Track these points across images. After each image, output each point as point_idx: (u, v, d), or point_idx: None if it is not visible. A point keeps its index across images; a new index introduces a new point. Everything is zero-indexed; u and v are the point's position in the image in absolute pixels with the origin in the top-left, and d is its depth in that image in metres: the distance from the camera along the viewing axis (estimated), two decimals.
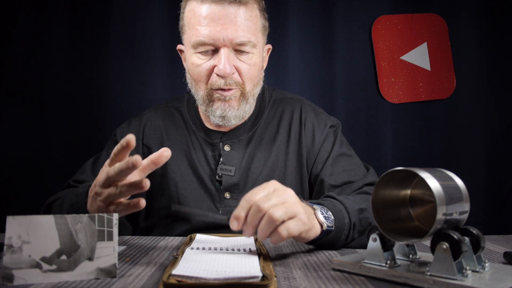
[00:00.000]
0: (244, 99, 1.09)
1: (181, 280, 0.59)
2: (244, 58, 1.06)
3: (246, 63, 1.07)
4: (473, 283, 0.56)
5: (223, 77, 1.04)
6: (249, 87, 1.09)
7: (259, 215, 0.71)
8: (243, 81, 1.07)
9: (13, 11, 1.68)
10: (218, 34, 1.01)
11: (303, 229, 0.74)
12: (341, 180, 1.11)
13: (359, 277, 0.66)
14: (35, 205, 1.17)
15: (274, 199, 0.72)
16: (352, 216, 0.88)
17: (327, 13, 1.78)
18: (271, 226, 0.70)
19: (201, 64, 1.06)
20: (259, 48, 1.10)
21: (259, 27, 1.08)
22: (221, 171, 1.13)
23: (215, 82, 1.06)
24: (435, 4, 1.81)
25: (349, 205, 0.90)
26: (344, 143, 1.21)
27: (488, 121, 1.79)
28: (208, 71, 1.06)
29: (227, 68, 1.03)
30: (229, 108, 1.08)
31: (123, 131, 1.20)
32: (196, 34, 1.04)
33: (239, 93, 1.08)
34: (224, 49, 1.03)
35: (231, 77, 1.05)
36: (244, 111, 1.11)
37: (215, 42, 1.02)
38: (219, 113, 1.08)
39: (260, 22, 1.09)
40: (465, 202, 0.63)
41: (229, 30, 1.01)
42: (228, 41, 1.02)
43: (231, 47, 1.04)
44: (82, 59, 1.72)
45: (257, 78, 1.11)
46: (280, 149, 1.17)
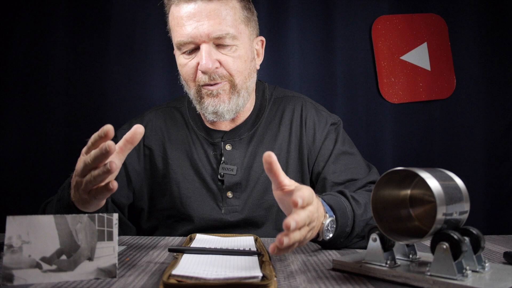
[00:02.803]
0: (235, 92, 1.09)
1: (181, 280, 0.59)
2: (226, 51, 1.06)
3: (230, 56, 1.06)
4: (473, 283, 0.56)
5: (206, 73, 1.05)
6: (239, 79, 1.09)
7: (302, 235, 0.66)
8: (230, 74, 1.07)
9: (13, 11, 1.68)
10: (194, 32, 1.03)
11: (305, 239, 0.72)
12: (343, 177, 1.11)
13: (359, 277, 0.66)
14: (35, 205, 1.17)
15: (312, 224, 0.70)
16: (356, 226, 0.89)
17: (327, 13, 1.78)
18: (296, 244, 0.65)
19: (186, 64, 1.08)
20: (243, 40, 1.09)
21: (239, 18, 1.07)
22: (223, 171, 1.13)
23: (201, 79, 1.07)
24: (435, 4, 1.81)
25: (359, 215, 0.90)
26: (346, 140, 1.20)
27: (488, 121, 1.79)
28: (193, 69, 1.07)
29: (208, 63, 1.03)
30: (219, 103, 1.08)
31: (123, 132, 1.19)
32: (176, 36, 1.06)
33: (228, 86, 1.08)
34: (203, 45, 1.04)
35: (215, 71, 1.05)
36: (236, 104, 1.10)
37: (193, 39, 1.04)
38: (211, 109, 1.08)
39: (241, 13, 1.08)
40: (465, 202, 0.63)
41: (204, 26, 1.02)
42: (205, 36, 1.03)
43: (210, 42, 1.04)
44: (82, 59, 1.72)
45: (247, 70, 1.11)
46: (281, 147, 1.17)
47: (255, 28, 1.15)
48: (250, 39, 1.12)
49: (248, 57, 1.11)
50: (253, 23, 1.14)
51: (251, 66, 1.13)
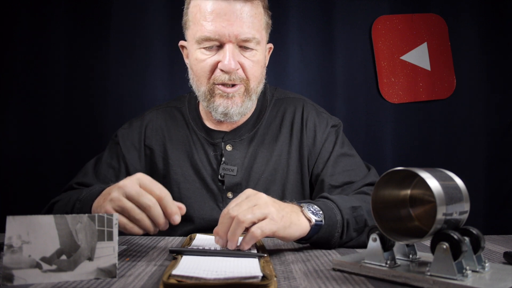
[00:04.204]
0: (247, 96, 1.10)
1: (181, 280, 0.59)
2: (248, 54, 1.07)
3: (250, 60, 1.07)
4: (473, 283, 0.56)
5: (228, 73, 1.05)
6: (253, 84, 1.10)
7: (229, 221, 0.76)
8: (247, 77, 1.08)
9: (13, 11, 1.68)
10: (223, 30, 1.02)
11: (276, 228, 0.77)
12: (341, 180, 1.11)
13: (359, 277, 0.66)
14: (35, 205, 1.17)
15: (244, 205, 0.77)
16: (344, 213, 0.88)
17: (327, 13, 1.78)
18: (238, 228, 0.75)
19: (205, 60, 1.07)
20: (263, 46, 1.10)
21: (263, 24, 1.09)
22: (223, 171, 1.13)
23: (219, 77, 1.06)
24: (435, 4, 1.81)
25: (340, 203, 0.90)
26: (345, 143, 1.21)
27: (488, 121, 1.79)
28: (211, 66, 1.06)
29: (232, 63, 1.03)
30: (232, 105, 1.08)
31: (124, 132, 1.20)
32: (201, 30, 1.04)
33: (243, 89, 1.09)
34: (229, 45, 1.03)
35: (235, 72, 1.05)
36: (246, 108, 1.11)
37: (220, 37, 1.03)
38: (221, 110, 1.08)
39: (264, 19, 1.10)
40: (465, 202, 0.63)
41: (234, 26, 1.02)
42: (233, 37, 1.03)
43: (235, 43, 1.04)
44: (82, 59, 1.72)
45: (260, 75, 1.12)
46: (282, 148, 1.17)
47: (268, 34, 1.16)
48: (266, 46, 1.14)
49: (263, 63, 1.13)
50: (269, 29, 1.15)
51: (263, 72, 1.14)
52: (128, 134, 1.19)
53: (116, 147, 1.18)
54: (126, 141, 1.18)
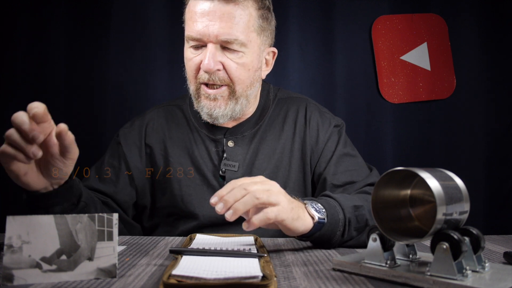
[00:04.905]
0: (233, 99, 1.09)
1: (181, 280, 0.59)
2: (232, 56, 1.06)
3: (234, 62, 1.06)
4: (473, 283, 0.56)
5: (207, 73, 1.06)
6: (240, 87, 1.09)
7: (242, 192, 0.78)
8: (231, 79, 1.07)
9: (13, 11, 1.68)
10: (204, 30, 1.03)
11: (287, 217, 0.80)
12: (343, 180, 1.12)
13: (359, 277, 0.66)
14: None
15: (259, 185, 0.80)
16: (346, 212, 0.89)
17: (327, 13, 1.78)
18: (251, 202, 0.77)
19: (191, 58, 1.09)
20: (252, 48, 1.08)
21: (252, 26, 1.07)
22: (224, 167, 1.14)
23: (201, 76, 1.07)
24: (435, 4, 1.81)
25: (343, 201, 0.91)
26: (348, 143, 1.21)
27: (488, 121, 1.79)
28: (196, 65, 1.08)
29: (210, 63, 1.03)
30: (214, 107, 1.09)
31: (125, 131, 1.21)
32: (188, 29, 1.07)
33: (227, 92, 1.08)
34: (210, 45, 1.04)
35: (216, 73, 1.06)
36: (232, 110, 1.10)
37: (202, 37, 1.04)
38: (206, 111, 1.10)
39: (256, 22, 1.07)
40: (465, 202, 0.63)
41: (215, 26, 1.02)
42: (213, 37, 1.03)
43: (217, 44, 1.04)
44: (82, 59, 1.71)
45: (249, 79, 1.10)
46: (285, 146, 1.17)
47: (269, 38, 1.15)
48: (260, 49, 1.12)
49: (253, 66, 1.10)
50: (268, 33, 1.13)
51: (255, 76, 1.12)
52: (130, 134, 1.20)
53: (118, 147, 1.19)
54: (127, 140, 1.19)
